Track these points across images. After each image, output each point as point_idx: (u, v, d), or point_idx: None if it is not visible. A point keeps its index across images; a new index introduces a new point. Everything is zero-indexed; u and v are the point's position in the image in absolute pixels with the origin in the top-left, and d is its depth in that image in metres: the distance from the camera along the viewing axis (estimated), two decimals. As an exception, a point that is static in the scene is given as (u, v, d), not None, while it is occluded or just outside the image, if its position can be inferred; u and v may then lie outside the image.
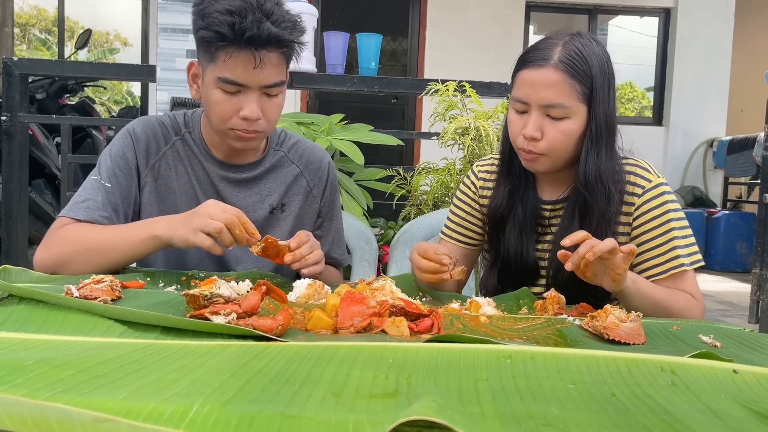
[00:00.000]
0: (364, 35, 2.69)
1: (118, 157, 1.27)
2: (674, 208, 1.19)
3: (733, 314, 4.04)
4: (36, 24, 17.49)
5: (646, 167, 1.23)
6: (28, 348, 0.64)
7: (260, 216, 1.34)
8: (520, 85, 1.17)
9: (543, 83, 1.13)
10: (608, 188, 1.17)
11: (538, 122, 1.14)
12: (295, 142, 1.42)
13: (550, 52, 1.14)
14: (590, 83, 1.14)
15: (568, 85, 1.13)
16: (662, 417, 0.53)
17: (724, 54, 6.38)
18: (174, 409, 0.46)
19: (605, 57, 1.17)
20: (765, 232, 3.46)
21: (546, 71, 1.13)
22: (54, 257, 1.14)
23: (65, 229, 1.17)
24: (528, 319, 0.95)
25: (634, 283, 1.05)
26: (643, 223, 1.19)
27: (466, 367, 0.62)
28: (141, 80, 4.64)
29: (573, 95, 1.13)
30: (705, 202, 6.26)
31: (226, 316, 0.76)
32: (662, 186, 1.20)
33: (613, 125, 1.18)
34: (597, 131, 1.15)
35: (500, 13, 6.14)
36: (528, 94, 1.15)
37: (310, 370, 0.58)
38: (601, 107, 1.15)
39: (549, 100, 1.13)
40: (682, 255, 1.17)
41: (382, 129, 2.73)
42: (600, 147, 1.16)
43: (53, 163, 4.15)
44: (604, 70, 1.16)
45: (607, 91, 1.16)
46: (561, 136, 1.15)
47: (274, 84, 1.20)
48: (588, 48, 1.15)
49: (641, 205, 1.19)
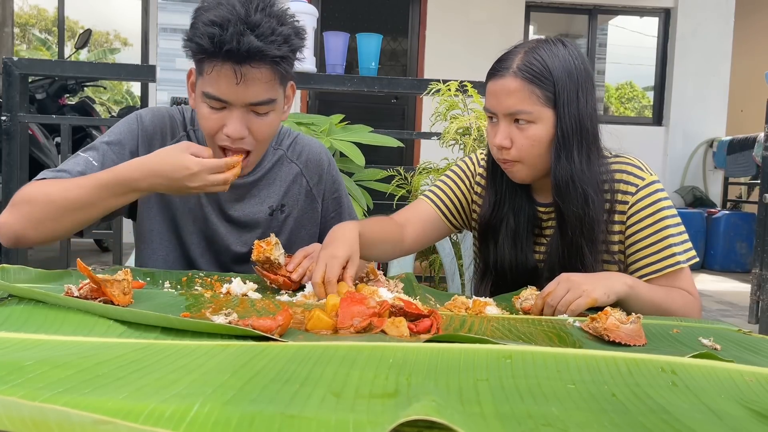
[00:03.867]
0: (364, 35, 2.69)
1: (116, 142, 1.23)
2: (667, 205, 1.19)
3: (733, 314, 4.04)
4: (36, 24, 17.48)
5: (638, 165, 1.23)
6: (28, 348, 0.64)
7: (260, 218, 1.33)
8: (488, 96, 1.19)
9: (504, 92, 1.14)
10: (584, 192, 1.15)
11: (505, 131, 1.16)
12: (294, 138, 1.39)
13: (510, 62, 1.15)
14: (552, 87, 1.13)
15: (527, 90, 1.13)
16: (662, 417, 0.53)
17: (724, 54, 6.38)
18: (174, 409, 0.46)
19: (573, 59, 1.15)
20: (765, 232, 3.46)
21: (506, 80, 1.14)
22: (18, 213, 1.09)
23: (26, 187, 1.12)
24: (529, 320, 0.95)
25: (633, 289, 1.06)
26: (637, 221, 1.19)
27: (466, 367, 0.62)
28: (141, 80, 4.64)
29: (533, 100, 1.13)
30: (705, 202, 6.26)
31: (227, 316, 0.76)
32: (655, 184, 1.20)
33: (585, 127, 1.16)
34: (564, 135, 1.14)
35: (500, 13, 6.14)
36: (493, 104, 1.17)
37: (310, 370, 0.58)
38: (568, 110, 1.14)
39: (511, 108, 1.14)
40: (678, 252, 1.17)
41: (382, 129, 2.72)
42: (570, 150, 1.15)
43: (53, 163, 4.15)
44: (570, 72, 1.14)
45: (575, 93, 1.14)
46: (529, 142, 1.15)
47: (261, 102, 1.12)
48: (551, 52, 1.14)
49: (634, 203, 1.19)
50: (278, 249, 1.08)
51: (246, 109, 1.13)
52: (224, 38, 1.05)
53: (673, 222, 1.18)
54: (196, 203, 1.30)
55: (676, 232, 1.18)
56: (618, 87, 16.53)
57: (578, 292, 0.99)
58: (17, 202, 1.11)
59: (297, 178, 1.37)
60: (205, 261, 1.32)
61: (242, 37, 1.05)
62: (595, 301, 0.98)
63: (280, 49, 1.09)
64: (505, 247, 1.26)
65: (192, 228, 1.30)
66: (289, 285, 1.07)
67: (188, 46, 1.11)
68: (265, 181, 1.34)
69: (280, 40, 1.09)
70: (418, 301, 0.93)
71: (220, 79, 1.09)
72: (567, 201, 1.16)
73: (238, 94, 1.10)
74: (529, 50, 1.15)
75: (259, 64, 1.09)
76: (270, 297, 1.01)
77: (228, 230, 1.31)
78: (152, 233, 1.30)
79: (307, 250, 1.14)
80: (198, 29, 1.08)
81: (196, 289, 1.02)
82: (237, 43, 1.05)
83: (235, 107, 1.12)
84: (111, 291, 0.83)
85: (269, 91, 1.13)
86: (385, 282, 1.09)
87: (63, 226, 1.10)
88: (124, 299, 0.84)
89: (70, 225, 1.11)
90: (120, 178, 1.09)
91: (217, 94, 1.10)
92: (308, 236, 1.39)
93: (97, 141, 1.25)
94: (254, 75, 1.09)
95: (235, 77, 1.08)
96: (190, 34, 1.10)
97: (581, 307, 0.97)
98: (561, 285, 1.00)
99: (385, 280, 1.11)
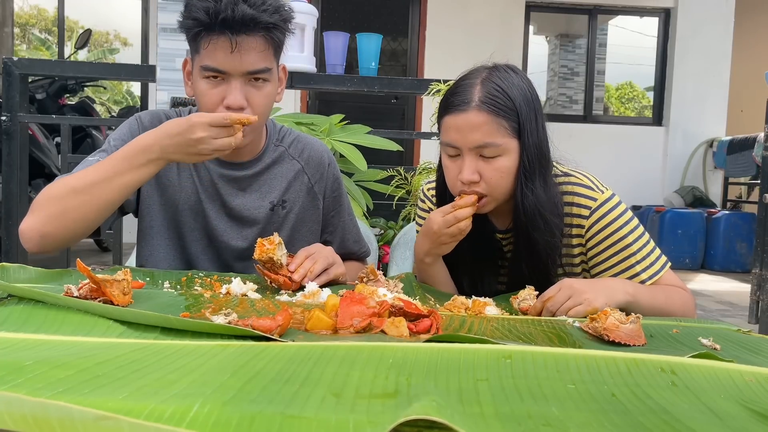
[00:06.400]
0: (364, 35, 2.69)
1: (122, 141, 1.25)
2: (624, 222, 1.17)
3: (733, 314, 4.04)
4: (36, 24, 17.48)
5: (589, 185, 1.20)
6: (28, 348, 0.64)
7: (261, 214, 1.33)
8: (447, 131, 1.15)
9: (469, 127, 1.11)
10: (547, 219, 1.14)
11: (472, 165, 1.13)
12: (296, 137, 1.41)
13: (469, 94, 1.12)
14: (516, 117, 1.12)
15: (495, 123, 1.11)
16: (662, 417, 0.53)
17: (724, 54, 6.38)
18: (174, 409, 0.46)
19: (526, 86, 1.15)
20: (765, 232, 3.46)
21: (469, 114, 1.11)
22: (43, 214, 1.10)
23: (42, 190, 1.14)
24: (528, 320, 0.95)
25: (633, 296, 1.05)
26: (596, 244, 1.18)
27: (465, 367, 0.62)
28: (141, 80, 4.64)
29: (501, 132, 1.11)
30: (705, 202, 6.26)
31: (227, 316, 0.76)
32: (608, 203, 1.17)
33: (543, 154, 1.16)
34: (529, 163, 1.14)
35: (500, 13, 6.14)
36: (456, 138, 1.13)
37: (310, 370, 0.58)
38: (531, 139, 1.13)
39: (478, 142, 1.11)
40: (640, 271, 1.16)
41: (382, 129, 2.72)
42: (534, 179, 1.14)
43: (53, 163, 4.16)
44: (528, 100, 1.14)
45: (534, 120, 1.14)
46: (498, 174, 1.13)
47: (258, 70, 1.18)
48: (507, 81, 1.13)
49: (590, 227, 1.18)
50: (281, 249, 1.08)
51: (244, 79, 1.18)
52: (218, 8, 1.12)
53: (632, 238, 1.16)
54: (196, 199, 1.30)
55: (636, 248, 1.16)
56: (618, 87, 16.53)
57: (579, 300, 0.98)
58: (36, 205, 1.13)
59: (298, 174, 1.37)
60: (205, 258, 1.33)
61: (236, 6, 1.13)
62: (595, 310, 0.96)
63: (271, 17, 1.16)
64: (465, 281, 1.26)
65: (193, 224, 1.31)
66: (289, 285, 1.07)
67: (185, 24, 1.17)
68: (266, 176, 1.35)
69: (272, 9, 1.17)
70: (417, 301, 0.93)
71: (217, 50, 1.15)
72: (533, 228, 1.15)
73: (234, 63, 1.15)
74: (485, 80, 1.13)
75: (253, 32, 1.15)
76: (270, 297, 1.01)
77: (228, 225, 1.32)
78: (152, 230, 1.31)
79: (309, 251, 1.14)
80: (193, 5, 1.15)
81: (196, 289, 1.03)
82: (231, 12, 1.12)
83: (233, 78, 1.17)
84: (111, 291, 0.83)
85: (264, 60, 1.19)
86: (384, 282, 1.09)
87: (85, 215, 1.10)
88: (124, 299, 0.84)
89: (92, 212, 1.11)
90: (134, 148, 1.12)
91: (215, 65, 1.16)
92: (309, 233, 1.39)
93: (102, 144, 1.28)
94: (249, 44, 1.16)
95: (231, 46, 1.14)
96: (186, 13, 1.17)
97: (580, 314, 0.97)
98: (563, 291, 1.00)
99: (385, 280, 1.11)
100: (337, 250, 1.25)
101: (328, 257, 1.15)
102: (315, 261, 1.12)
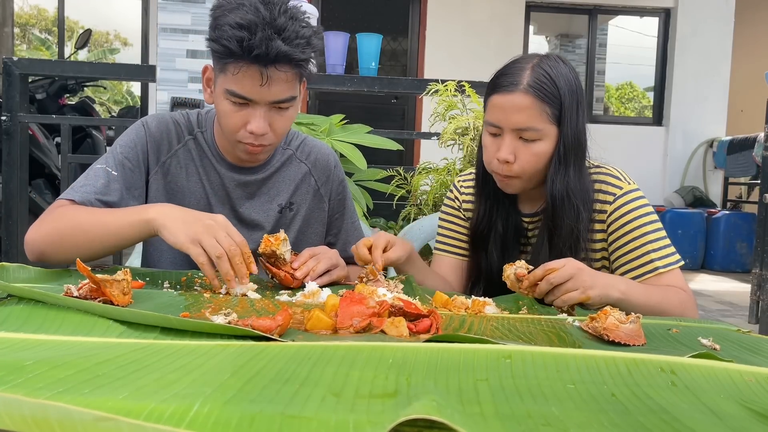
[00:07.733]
0: (364, 35, 2.69)
1: (129, 147, 1.25)
2: (646, 212, 1.21)
3: (733, 314, 4.04)
4: (36, 24, 17.48)
5: (617, 175, 1.25)
6: (27, 348, 0.64)
7: (270, 216, 1.34)
8: (492, 110, 1.19)
9: (514, 108, 1.15)
10: (576, 206, 1.18)
11: (511, 146, 1.17)
12: (303, 140, 1.42)
13: (519, 77, 1.16)
14: (559, 105, 1.16)
15: (539, 108, 1.15)
16: (662, 417, 0.53)
17: (724, 54, 6.38)
18: (174, 409, 0.46)
19: (573, 77, 1.19)
20: (765, 232, 3.46)
21: (516, 96, 1.15)
22: (44, 234, 1.11)
23: (59, 210, 1.14)
24: (528, 320, 0.95)
25: (625, 295, 1.05)
26: (616, 229, 1.22)
27: (465, 367, 0.62)
28: (141, 80, 4.64)
29: (543, 118, 1.15)
30: (705, 202, 6.26)
31: (226, 315, 0.76)
32: (632, 192, 1.22)
33: (581, 143, 1.20)
34: (565, 151, 1.18)
35: (500, 13, 6.14)
36: (500, 118, 1.17)
37: (310, 370, 0.58)
38: (570, 127, 1.17)
39: (521, 124, 1.15)
40: (656, 258, 1.19)
41: (382, 129, 2.72)
42: (568, 166, 1.19)
43: (53, 163, 4.15)
44: (572, 91, 1.17)
45: (575, 110, 1.18)
46: (534, 158, 1.17)
47: (284, 100, 1.17)
48: (556, 70, 1.17)
49: (613, 212, 1.22)
50: (285, 245, 1.10)
51: (268, 106, 1.17)
52: (253, 43, 1.07)
53: (652, 228, 1.20)
54: (206, 203, 1.30)
55: (654, 238, 1.20)
56: (618, 87, 16.53)
57: (578, 284, 0.99)
58: (42, 221, 1.13)
59: (305, 177, 1.38)
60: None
61: (270, 42, 1.08)
62: (588, 299, 0.99)
63: (304, 53, 1.13)
64: (494, 254, 1.29)
65: None
66: (290, 281, 1.08)
67: (213, 47, 1.13)
68: (274, 180, 1.35)
69: (304, 43, 1.13)
70: (417, 301, 0.93)
71: (245, 79, 1.12)
72: (561, 214, 1.19)
73: (262, 93, 1.14)
74: (535, 66, 1.16)
75: (284, 66, 1.12)
76: (269, 297, 1.01)
77: (237, 229, 1.32)
78: None
79: (315, 251, 1.16)
80: (224, 31, 1.09)
81: (196, 289, 1.03)
82: (266, 48, 1.08)
83: (259, 105, 1.16)
84: (110, 291, 0.83)
85: (291, 89, 1.17)
86: (384, 282, 1.09)
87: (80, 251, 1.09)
88: (124, 299, 0.84)
89: (87, 252, 1.10)
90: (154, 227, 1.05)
91: (243, 92, 1.14)
92: (315, 235, 1.40)
93: (108, 151, 1.26)
94: (279, 76, 1.13)
95: (261, 79, 1.11)
96: (215, 35, 1.12)
97: (572, 300, 0.98)
98: (568, 268, 1.00)
99: (385, 281, 1.11)
100: (340, 252, 1.25)
101: (331, 259, 1.16)
102: (318, 261, 1.13)
